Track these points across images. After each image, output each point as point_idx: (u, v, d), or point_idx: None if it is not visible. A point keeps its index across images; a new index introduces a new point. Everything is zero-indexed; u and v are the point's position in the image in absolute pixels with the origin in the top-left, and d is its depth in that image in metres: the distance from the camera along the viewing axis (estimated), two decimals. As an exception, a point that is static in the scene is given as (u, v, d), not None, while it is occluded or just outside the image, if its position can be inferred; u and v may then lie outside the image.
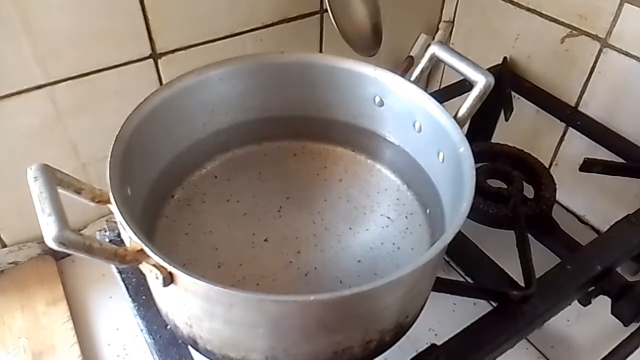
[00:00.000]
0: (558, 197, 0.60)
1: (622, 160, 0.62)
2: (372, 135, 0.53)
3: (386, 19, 0.66)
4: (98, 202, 0.37)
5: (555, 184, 0.60)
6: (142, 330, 0.46)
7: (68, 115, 0.56)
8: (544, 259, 0.52)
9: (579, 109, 0.68)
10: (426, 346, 0.43)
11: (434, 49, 0.46)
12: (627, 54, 0.60)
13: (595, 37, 0.63)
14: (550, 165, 0.73)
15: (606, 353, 0.47)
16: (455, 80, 0.68)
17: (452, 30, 0.82)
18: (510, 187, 0.59)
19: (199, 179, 0.53)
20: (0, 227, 0.59)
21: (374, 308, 0.36)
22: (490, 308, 0.47)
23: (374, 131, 0.53)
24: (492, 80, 0.43)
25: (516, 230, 0.53)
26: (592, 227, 0.70)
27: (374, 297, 0.35)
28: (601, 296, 0.50)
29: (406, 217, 0.51)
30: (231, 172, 0.54)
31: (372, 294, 0.34)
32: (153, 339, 0.45)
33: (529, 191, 0.61)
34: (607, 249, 0.51)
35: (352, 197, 0.53)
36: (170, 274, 0.33)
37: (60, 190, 0.34)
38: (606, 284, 0.50)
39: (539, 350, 0.56)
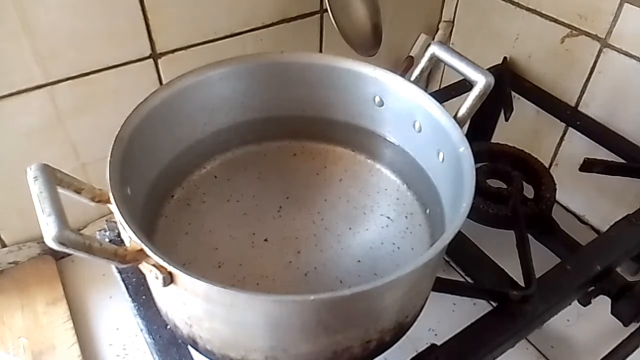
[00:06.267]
0: (558, 197, 0.60)
1: (622, 160, 0.62)
2: (372, 135, 0.53)
3: (386, 19, 0.66)
4: (98, 201, 0.37)
5: (555, 184, 0.60)
6: (142, 330, 0.46)
7: (68, 115, 0.56)
8: (544, 259, 0.52)
9: (579, 109, 0.68)
10: (426, 346, 0.43)
11: (434, 49, 0.46)
12: (627, 54, 0.60)
13: (595, 37, 0.63)
14: (550, 165, 0.73)
15: (606, 353, 0.47)
16: (455, 80, 0.68)
17: (452, 30, 0.82)
18: (510, 187, 0.59)
19: (199, 179, 0.53)
20: (0, 227, 0.59)
21: (374, 308, 0.36)
22: (490, 308, 0.47)
23: (374, 131, 0.53)
24: (492, 80, 0.43)
25: (516, 230, 0.53)
26: (592, 227, 0.70)
27: (374, 297, 0.35)
28: (601, 296, 0.50)
29: (406, 217, 0.51)
30: (231, 172, 0.54)
31: (372, 294, 0.34)
32: (153, 338, 0.45)
33: (529, 191, 0.61)
34: (607, 249, 0.51)
35: (352, 197, 0.53)
36: (170, 273, 0.33)
37: (60, 190, 0.34)
38: (606, 284, 0.50)
39: (539, 350, 0.56)
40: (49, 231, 0.30)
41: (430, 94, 0.47)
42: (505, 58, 0.74)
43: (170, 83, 0.46)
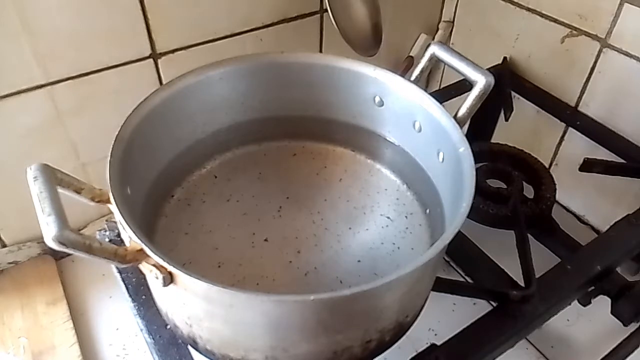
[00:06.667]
0: (558, 197, 0.60)
1: (622, 160, 0.62)
2: (372, 135, 0.53)
3: (386, 19, 0.66)
4: (98, 201, 0.37)
5: (555, 184, 0.60)
6: (142, 330, 0.46)
7: (68, 115, 0.56)
8: (544, 259, 0.52)
9: (579, 109, 0.68)
10: (426, 346, 0.43)
11: (434, 49, 0.46)
12: (627, 54, 0.60)
13: (595, 37, 0.63)
14: (550, 165, 0.73)
15: (606, 353, 0.47)
16: (455, 80, 0.68)
17: (452, 30, 0.82)
18: (510, 187, 0.59)
19: (199, 179, 0.53)
20: (0, 227, 0.59)
21: (374, 308, 0.36)
22: (490, 308, 0.47)
23: (374, 131, 0.53)
24: (492, 80, 0.43)
25: (516, 230, 0.53)
26: (592, 227, 0.70)
27: (374, 297, 0.35)
28: (601, 296, 0.50)
29: (406, 217, 0.51)
30: (231, 172, 0.54)
31: (372, 293, 0.34)
32: (153, 338, 0.45)
33: (529, 191, 0.61)
34: (607, 249, 0.51)
35: (352, 197, 0.53)
36: (170, 273, 0.33)
37: (60, 190, 0.34)
38: (606, 284, 0.49)
39: (539, 350, 0.56)
40: (49, 231, 0.30)
41: (430, 94, 0.47)
42: (505, 58, 0.74)
43: (170, 83, 0.46)
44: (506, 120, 0.68)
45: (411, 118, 0.49)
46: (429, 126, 0.47)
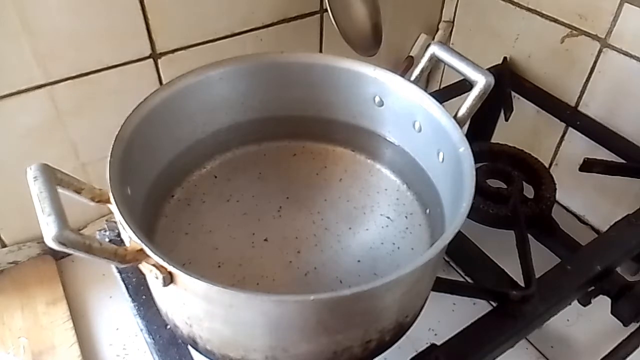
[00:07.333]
0: (558, 197, 0.60)
1: (622, 160, 0.62)
2: (372, 135, 0.53)
3: (386, 19, 0.66)
4: (98, 201, 0.37)
5: (555, 184, 0.60)
6: (142, 330, 0.46)
7: (68, 115, 0.56)
8: (544, 259, 0.52)
9: (579, 109, 0.68)
10: (426, 346, 0.43)
11: (434, 49, 0.46)
12: (627, 54, 0.60)
13: (595, 37, 0.63)
14: (550, 165, 0.73)
15: (606, 353, 0.47)
16: (455, 80, 0.68)
17: (452, 30, 0.82)
18: (510, 187, 0.59)
19: (199, 179, 0.53)
20: (0, 227, 0.59)
21: (374, 308, 0.36)
22: (490, 308, 0.47)
23: (374, 131, 0.53)
24: (492, 80, 0.43)
25: (516, 230, 0.53)
26: (592, 227, 0.70)
27: (373, 297, 0.35)
28: (601, 296, 0.50)
29: (406, 217, 0.51)
30: (231, 172, 0.54)
31: (372, 293, 0.34)
32: (153, 338, 0.45)
33: (529, 191, 0.61)
34: (607, 249, 0.51)
35: (352, 197, 0.53)
36: (170, 273, 0.33)
37: (60, 190, 0.34)
38: (606, 284, 0.49)
39: (538, 350, 0.56)
40: (49, 231, 0.30)
41: (430, 94, 0.47)
42: (505, 58, 0.74)
43: (170, 83, 0.46)
44: (506, 120, 0.68)
45: (411, 118, 0.49)
46: (429, 126, 0.47)
